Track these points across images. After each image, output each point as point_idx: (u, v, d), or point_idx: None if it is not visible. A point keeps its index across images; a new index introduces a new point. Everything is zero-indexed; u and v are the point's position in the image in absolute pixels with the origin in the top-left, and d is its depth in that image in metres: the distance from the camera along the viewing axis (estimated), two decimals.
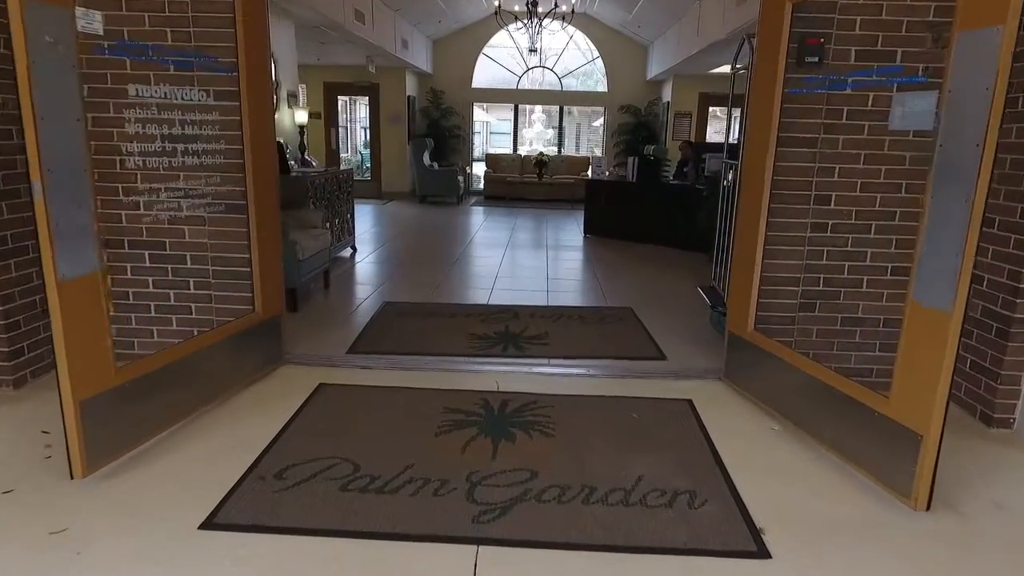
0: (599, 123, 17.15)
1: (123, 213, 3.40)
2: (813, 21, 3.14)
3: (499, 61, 14.01)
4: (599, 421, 3.11)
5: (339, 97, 13.41)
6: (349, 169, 7.69)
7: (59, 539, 2.12)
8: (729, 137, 4.31)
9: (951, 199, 2.19)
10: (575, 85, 14.33)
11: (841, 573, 2.07)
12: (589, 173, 12.81)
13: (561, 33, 13.29)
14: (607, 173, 9.02)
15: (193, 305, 3.59)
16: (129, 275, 3.53)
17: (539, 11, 9.94)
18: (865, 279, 3.43)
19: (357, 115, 14.95)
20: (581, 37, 13.79)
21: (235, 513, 2.28)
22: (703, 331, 4.54)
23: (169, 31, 3.20)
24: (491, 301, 5.33)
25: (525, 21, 10.07)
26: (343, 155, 14.90)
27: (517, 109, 14.63)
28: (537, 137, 16.08)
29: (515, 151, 14.60)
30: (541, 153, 13.41)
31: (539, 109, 16.35)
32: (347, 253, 7.12)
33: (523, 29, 10.37)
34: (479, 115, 15.94)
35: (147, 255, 3.51)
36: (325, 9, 7.08)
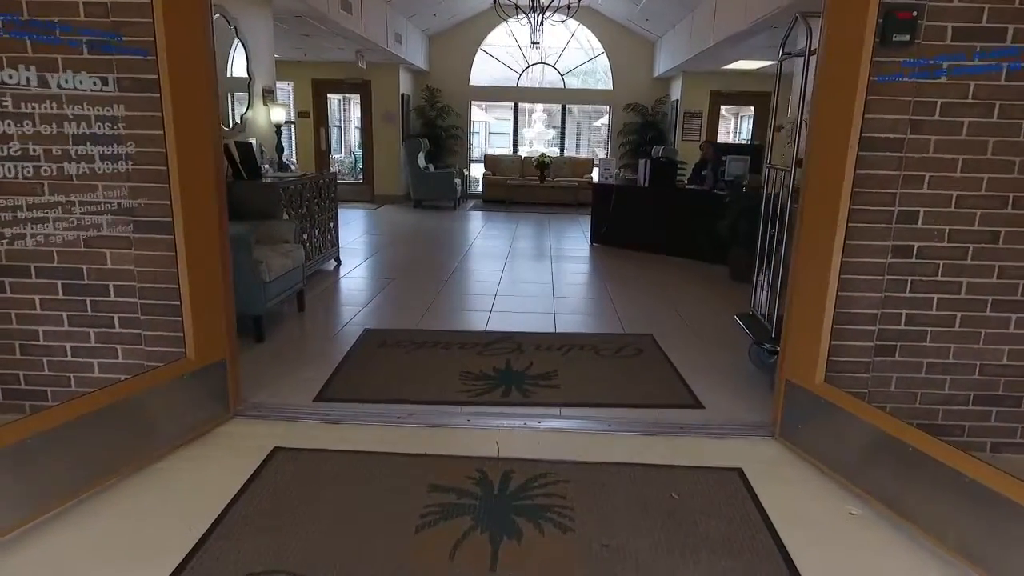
0: (601, 123, 16.46)
1: (27, 232, 2.70)
2: None
3: (498, 58, 13.31)
4: (629, 503, 2.41)
5: (329, 95, 12.71)
6: (332, 172, 7.00)
7: None
8: (771, 134, 3.63)
9: None
10: (576, 84, 13.63)
11: None
12: (595, 176, 12.13)
13: (563, 30, 12.60)
14: (614, 176, 8.30)
15: (119, 347, 2.89)
16: (38, 310, 2.82)
17: (542, 2, 9.24)
18: (959, 316, 2.73)
19: (351, 114, 14.25)
20: (583, 34, 13.09)
21: None
22: (740, 367, 3.85)
23: None
24: (490, 327, 4.62)
25: (527, 12, 9.37)
26: (336, 156, 14.22)
27: (517, 108, 13.92)
28: (538, 137, 15.36)
29: (515, 152, 13.89)
30: (543, 154, 12.70)
31: (540, 108, 15.64)
32: (330, 266, 6.42)
33: (524, 19, 9.65)
34: (477, 115, 15.24)
35: (60, 285, 2.80)
36: None
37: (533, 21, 9.44)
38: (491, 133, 18.10)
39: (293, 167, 6.23)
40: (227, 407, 2.95)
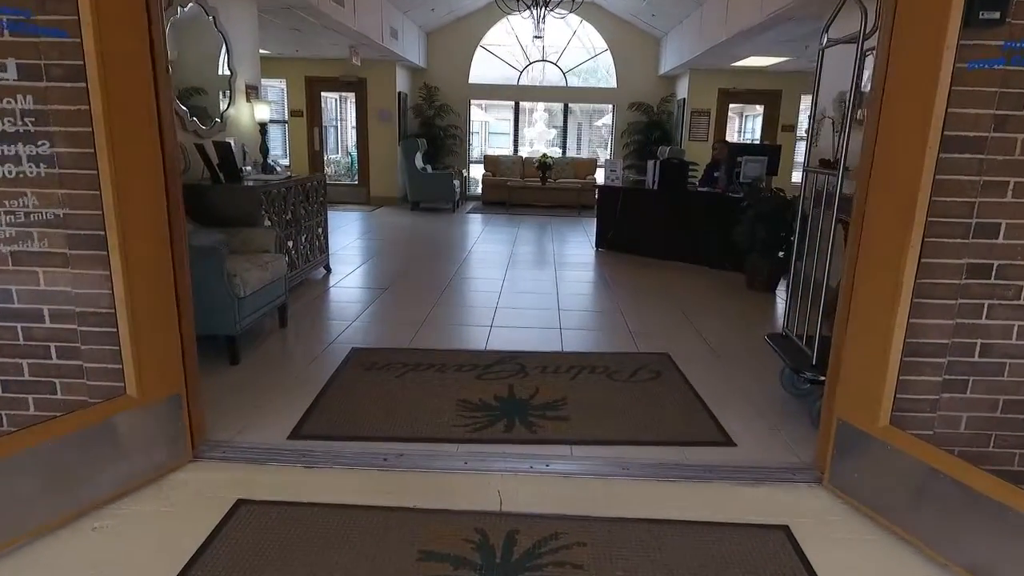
0: (602, 122, 16.03)
1: None
2: None
3: (499, 55, 12.89)
4: (656, 574, 1.99)
5: (324, 94, 12.27)
6: (321, 175, 6.57)
7: None
8: (812, 132, 3.19)
9: None
10: (577, 83, 13.20)
11: None
12: (599, 177, 11.71)
13: (564, 28, 12.18)
14: (620, 178, 7.87)
15: (58, 381, 2.46)
16: None
17: None
18: None
19: (348, 114, 13.80)
20: (584, 32, 12.66)
21: None
22: (770, 393, 3.44)
23: None
24: (490, 345, 4.20)
25: (529, 6, 8.94)
26: (332, 157, 13.78)
27: (518, 107, 13.49)
28: (539, 137, 14.94)
29: (515, 152, 13.46)
30: (544, 155, 12.26)
31: (541, 107, 15.22)
32: (319, 275, 6.00)
33: (526, 14, 9.22)
34: (477, 114, 14.82)
35: None
36: None
37: (536, 15, 9.01)
38: (491, 133, 17.68)
39: (279, 169, 5.81)
40: (184, 449, 2.54)
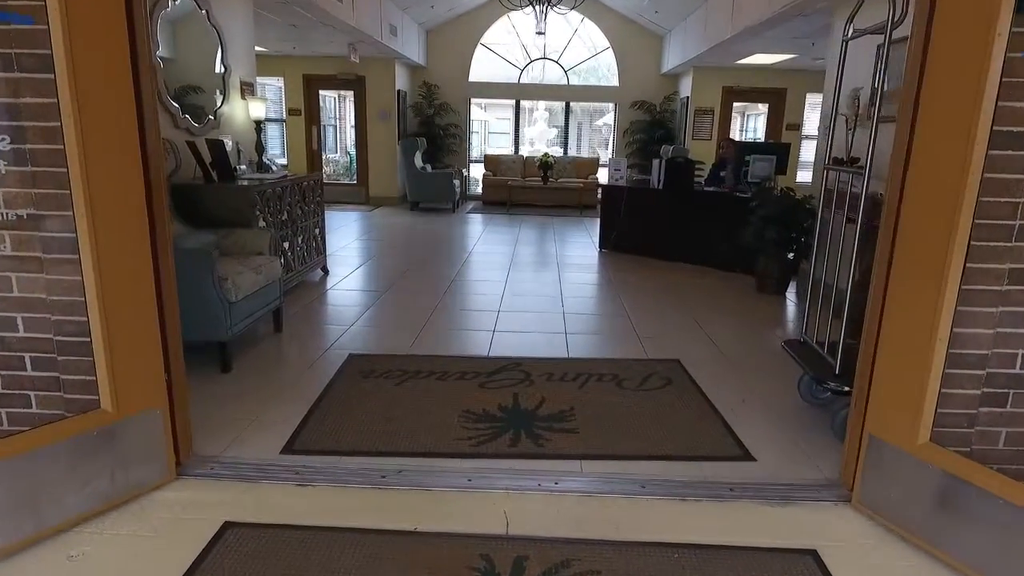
0: (603, 121, 15.89)
1: None
2: None
3: (499, 53, 12.72)
4: None
5: (322, 92, 12.10)
6: (318, 174, 6.40)
7: None
8: (832, 128, 3.03)
9: None
10: (578, 82, 13.03)
11: None
12: (600, 177, 11.56)
13: (566, 27, 12.02)
14: (624, 177, 7.71)
15: (32, 394, 2.30)
16: None
17: None
18: None
19: (346, 112, 13.63)
20: (585, 31, 12.49)
21: None
22: (788, 403, 3.28)
23: None
24: (492, 351, 4.04)
25: (532, 2, 8.78)
26: (331, 156, 13.62)
27: (519, 106, 13.32)
28: (540, 136, 14.77)
29: (516, 152, 13.29)
30: (546, 154, 12.08)
31: (542, 106, 15.05)
32: (316, 277, 5.84)
33: (528, 10, 9.05)
34: (477, 113, 14.66)
35: None
36: None
37: (538, 10, 8.84)
38: (491, 132, 17.52)
39: (275, 168, 5.65)
40: (167, 466, 2.37)
